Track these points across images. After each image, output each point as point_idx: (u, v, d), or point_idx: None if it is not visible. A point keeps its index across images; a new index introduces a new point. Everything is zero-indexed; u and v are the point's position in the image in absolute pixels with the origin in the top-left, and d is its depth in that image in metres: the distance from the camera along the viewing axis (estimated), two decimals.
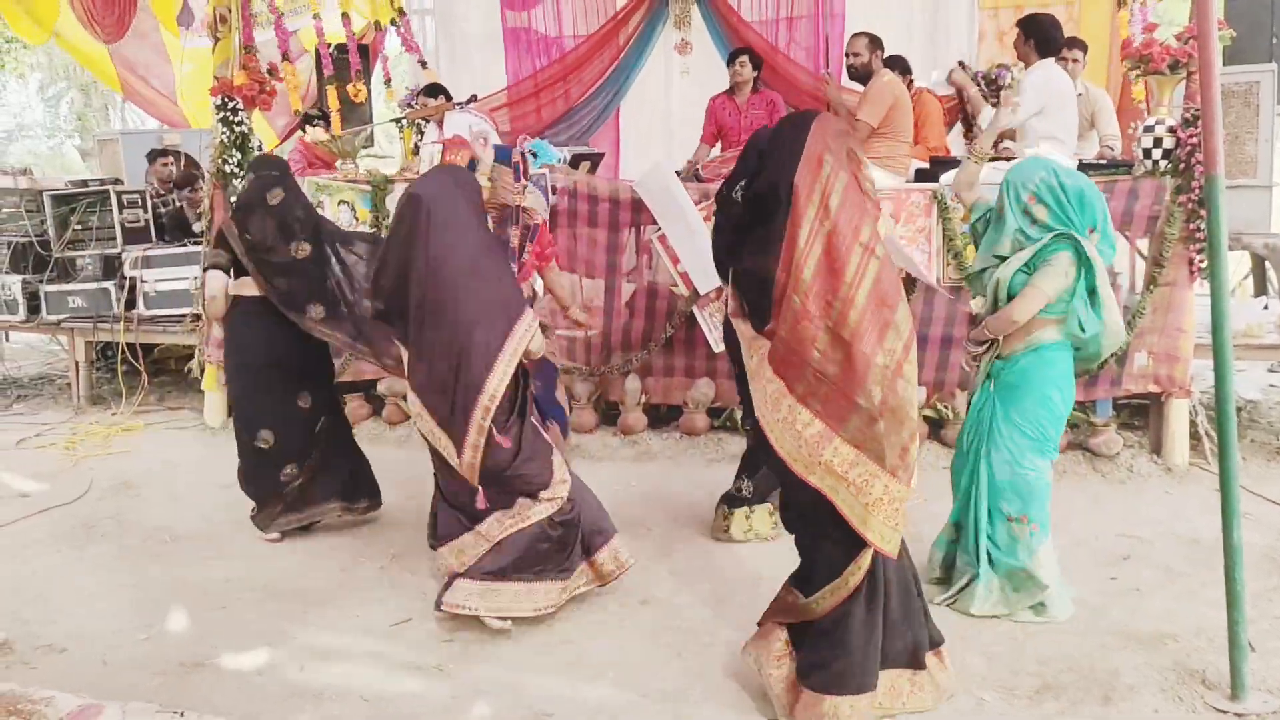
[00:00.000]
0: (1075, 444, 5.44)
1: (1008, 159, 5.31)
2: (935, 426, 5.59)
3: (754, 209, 2.90)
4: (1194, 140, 4.93)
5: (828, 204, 2.77)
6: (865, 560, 2.92)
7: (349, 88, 7.86)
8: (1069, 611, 3.69)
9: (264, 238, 4.40)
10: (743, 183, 2.96)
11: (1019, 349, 3.61)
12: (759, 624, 3.24)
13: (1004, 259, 3.57)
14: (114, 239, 7.07)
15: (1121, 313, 5.18)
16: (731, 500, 4.48)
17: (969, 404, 3.83)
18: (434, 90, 7.27)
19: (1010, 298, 3.55)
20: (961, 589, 3.76)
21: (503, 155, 4.28)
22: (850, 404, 2.78)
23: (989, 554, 3.70)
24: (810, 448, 2.82)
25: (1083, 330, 3.53)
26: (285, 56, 7.25)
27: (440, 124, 6.98)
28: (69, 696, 2.91)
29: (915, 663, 3.09)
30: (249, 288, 4.46)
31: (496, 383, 3.46)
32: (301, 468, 4.53)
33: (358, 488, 4.73)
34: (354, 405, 6.23)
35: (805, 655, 3.04)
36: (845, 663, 2.94)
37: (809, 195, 2.77)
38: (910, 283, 3.90)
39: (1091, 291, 3.51)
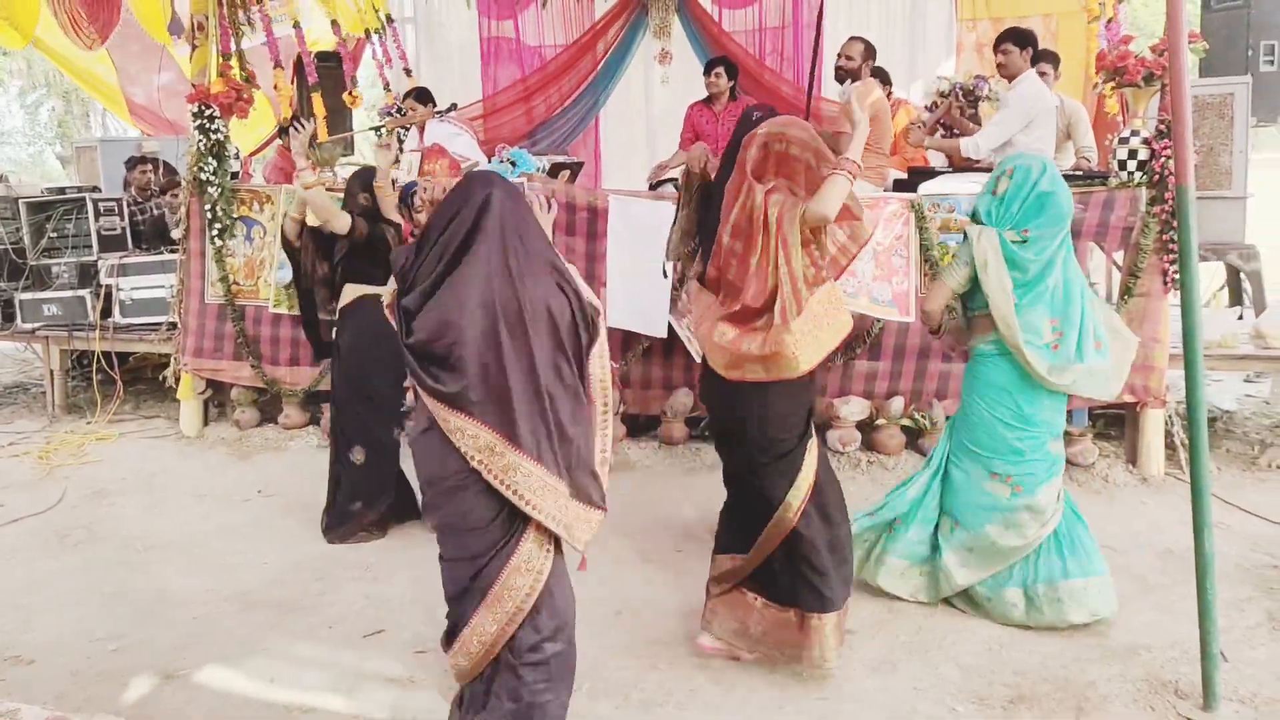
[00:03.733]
0: None
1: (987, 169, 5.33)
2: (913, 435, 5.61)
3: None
4: (1168, 152, 4.96)
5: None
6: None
7: (345, 96, 7.81)
8: None
9: None
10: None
11: None
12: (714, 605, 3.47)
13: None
14: (90, 247, 7.03)
15: None
16: None
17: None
18: (423, 95, 7.22)
19: None
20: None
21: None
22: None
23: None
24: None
25: None
26: (278, 64, 7.21)
27: (421, 132, 6.97)
28: (35, 709, 2.88)
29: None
30: None
31: None
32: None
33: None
34: None
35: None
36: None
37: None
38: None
39: None
